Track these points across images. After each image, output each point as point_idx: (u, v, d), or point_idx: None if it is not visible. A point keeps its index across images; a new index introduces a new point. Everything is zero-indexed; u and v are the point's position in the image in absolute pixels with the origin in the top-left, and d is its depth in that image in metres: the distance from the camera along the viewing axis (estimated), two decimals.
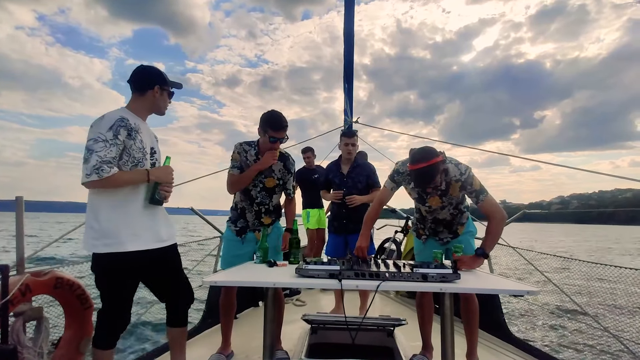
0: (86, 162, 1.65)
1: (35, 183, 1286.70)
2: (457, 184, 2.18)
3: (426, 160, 2.01)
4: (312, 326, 2.47)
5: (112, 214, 1.75)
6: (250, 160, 2.40)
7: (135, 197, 1.82)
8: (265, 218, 2.48)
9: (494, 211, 2.15)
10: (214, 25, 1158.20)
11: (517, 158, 13.12)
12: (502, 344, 2.95)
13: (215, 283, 1.66)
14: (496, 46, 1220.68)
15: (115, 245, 1.73)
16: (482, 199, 2.15)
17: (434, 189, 2.23)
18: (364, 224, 2.39)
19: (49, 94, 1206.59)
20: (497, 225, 2.15)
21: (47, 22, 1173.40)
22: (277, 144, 2.35)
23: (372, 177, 3.35)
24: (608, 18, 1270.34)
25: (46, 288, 2.22)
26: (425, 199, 2.31)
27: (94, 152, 1.65)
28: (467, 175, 2.15)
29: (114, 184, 1.71)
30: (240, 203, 2.48)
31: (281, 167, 2.47)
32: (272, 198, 2.48)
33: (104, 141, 1.68)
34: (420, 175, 2.05)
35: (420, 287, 1.81)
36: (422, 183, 2.10)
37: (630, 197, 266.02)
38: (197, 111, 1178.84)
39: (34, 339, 2.16)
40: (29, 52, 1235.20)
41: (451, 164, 2.18)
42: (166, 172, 1.89)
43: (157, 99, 1.91)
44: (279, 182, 2.48)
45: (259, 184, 2.43)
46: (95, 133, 1.69)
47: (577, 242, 35.65)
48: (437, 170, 2.04)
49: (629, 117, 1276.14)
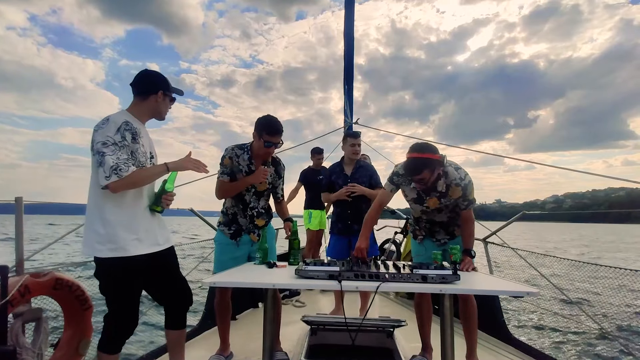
0: (102, 165, 1.64)
1: (29, 185, 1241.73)
2: (457, 187, 2.22)
3: (421, 152, 2.11)
4: (312, 327, 2.47)
5: (117, 218, 1.74)
6: (243, 165, 2.37)
7: (139, 201, 1.82)
8: (259, 220, 2.47)
9: (471, 217, 2.34)
10: (208, 26, 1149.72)
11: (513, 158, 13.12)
12: (502, 345, 2.95)
13: (215, 284, 1.66)
14: (490, 46, 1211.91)
15: (120, 250, 1.73)
16: (470, 208, 2.30)
17: (433, 190, 2.26)
18: (364, 225, 2.40)
19: (41, 95, 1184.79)
20: (473, 227, 2.35)
21: (38, 22, 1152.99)
22: (272, 149, 2.34)
23: (374, 178, 3.35)
24: (601, 18, 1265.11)
25: (45, 289, 2.21)
26: (425, 199, 2.33)
27: (107, 155, 1.65)
28: (467, 181, 2.22)
29: (135, 181, 1.72)
30: (231, 208, 2.47)
31: (272, 172, 2.48)
32: (260, 201, 2.48)
33: (113, 144, 1.68)
34: (410, 164, 2.12)
35: (420, 288, 1.81)
36: (411, 172, 2.15)
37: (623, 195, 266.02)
38: (191, 112, 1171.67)
39: (33, 340, 2.16)
40: (21, 53, 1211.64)
41: (451, 167, 2.23)
42: (186, 159, 1.89)
43: (159, 104, 1.91)
44: (269, 186, 2.49)
45: (252, 188, 2.43)
46: (103, 136, 1.68)
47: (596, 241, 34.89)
48: (429, 165, 2.09)
49: (621, 116, 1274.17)
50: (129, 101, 1.93)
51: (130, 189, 1.75)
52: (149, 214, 1.87)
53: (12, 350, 1.96)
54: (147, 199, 1.88)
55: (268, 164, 2.46)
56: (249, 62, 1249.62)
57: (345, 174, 3.36)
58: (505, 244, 3.55)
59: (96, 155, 1.67)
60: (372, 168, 3.45)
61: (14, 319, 2.07)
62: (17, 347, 2.01)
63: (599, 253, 21.52)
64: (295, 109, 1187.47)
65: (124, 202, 1.77)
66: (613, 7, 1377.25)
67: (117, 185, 1.66)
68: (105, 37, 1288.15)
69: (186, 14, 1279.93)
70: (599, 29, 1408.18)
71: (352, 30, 4.27)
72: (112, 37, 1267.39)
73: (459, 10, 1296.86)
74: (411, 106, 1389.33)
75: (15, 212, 2.17)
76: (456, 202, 2.29)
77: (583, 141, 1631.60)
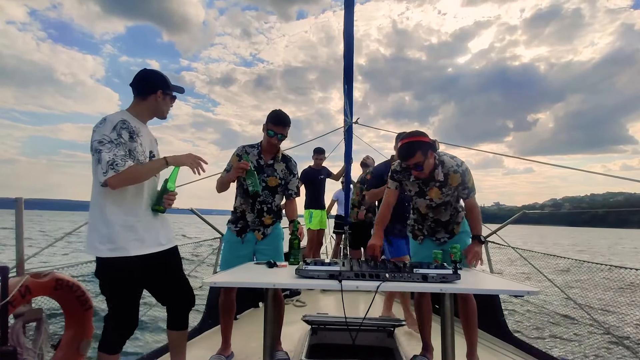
0: (99, 162, 1.65)
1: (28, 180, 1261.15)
2: (456, 174, 2.25)
3: (412, 136, 2.19)
4: (313, 327, 2.47)
5: (118, 218, 1.74)
6: (252, 160, 2.43)
7: (140, 201, 1.82)
8: (267, 217, 2.48)
9: (475, 204, 2.36)
10: (208, 23, 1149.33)
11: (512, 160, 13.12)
12: (503, 344, 2.95)
13: (215, 284, 1.66)
14: (491, 49, 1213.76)
15: (120, 250, 1.73)
16: (472, 196, 2.32)
17: (432, 180, 2.28)
18: (376, 225, 2.42)
19: (41, 91, 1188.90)
20: (479, 212, 2.36)
21: (38, 17, 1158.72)
22: (275, 139, 2.40)
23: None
24: (602, 22, 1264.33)
25: (46, 289, 2.21)
26: (426, 191, 2.34)
27: (103, 152, 1.65)
28: (464, 167, 2.26)
29: (134, 176, 1.71)
30: (240, 207, 2.50)
31: (283, 168, 2.51)
32: (275, 197, 2.50)
33: (109, 142, 1.68)
34: (403, 149, 2.17)
35: (421, 288, 1.81)
36: (405, 156, 2.18)
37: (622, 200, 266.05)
38: (191, 110, 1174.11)
39: (33, 340, 2.16)
40: (21, 48, 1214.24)
41: (446, 156, 2.29)
42: (186, 155, 1.89)
43: (160, 103, 1.91)
44: (281, 182, 2.50)
45: (262, 183, 2.44)
46: (99, 135, 1.69)
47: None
48: (420, 146, 2.14)
49: (620, 121, 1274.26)
50: (129, 98, 1.94)
51: (130, 184, 1.74)
52: (151, 213, 1.87)
53: (13, 350, 1.96)
54: (149, 198, 1.88)
55: (277, 158, 2.50)
56: (250, 60, 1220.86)
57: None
58: (505, 243, 3.55)
59: (94, 154, 1.68)
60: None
61: (15, 320, 2.07)
62: (18, 347, 2.01)
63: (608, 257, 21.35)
64: (295, 108, 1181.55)
65: (125, 202, 1.77)
66: (614, 12, 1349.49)
67: (115, 181, 1.66)
68: (105, 33, 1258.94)
69: (187, 11, 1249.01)
70: (600, 33, 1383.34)
71: (351, 29, 4.26)
72: (113, 33, 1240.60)
73: (460, 12, 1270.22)
74: (411, 107, 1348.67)
75: (15, 211, 2.17)
76: (456, 191, 2.31)
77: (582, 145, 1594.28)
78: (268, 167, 2.48)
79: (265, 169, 2.46)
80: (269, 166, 2.48)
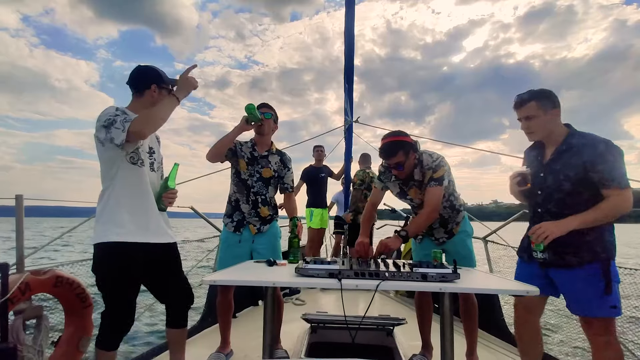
0: (113, 125, 1.66)
1: (23, 187, 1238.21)
2: (429, 171, 2.22)
3: (394, 136, 2.20)
4: (312, 325, 2.48)
5: (126, 207, 1.77)
6: (245, 152, 2.48)
7: (145, 194, 1.84)
8: (263, 209, 2.47)
9: (431, 203, 2.16)
10: (202, 26, 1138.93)
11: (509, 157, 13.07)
12: (502, 343, 2.95)
13: (214, 282, 1.66)
14: (485, 47, 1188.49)
15: (126, 234, 1.75)
16: (432, 185, 2.17)
17: (411, 180, 2.27)
18: (362, 225, 2.42)
19: (35, 97, 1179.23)
20: (426, 216, 2.15)
21: (31, 23, 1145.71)
22: (265, 120, 2.43)
23: (589, 161, 1.80)
24: (595, 18, 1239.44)
25: (46, 287, 2.22)
26: (406, 190, 2.34)
27: (114, 122, 1.67)
28: (438, 162, 2.20)
29: (149, 119, 1.71)
30: (234, 195, 2.50)
31: (278, 161, 2.53)
32: (269, 189, 2.50)
33: (116, 116, 1.70)
34: (385, 148, 2.17)
35: (420, 287, 1.81)
36: (386, 155, 2.18)
37: None
38: (187, 113, 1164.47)
39: (33, 337, 2.17)
40: (14, 54, 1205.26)
41: (425, 154, 2.25)
42: (189, 82, 1.88)
43: (156, 98, 1.91)
44: (274, 174, 2.50)
45: (256, 174, 2.45)
46: (105, 116, 1.71)
47: None
48: (402, 146, 2.14)
49: (615, 117, 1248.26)
50: (124, 102, 1.93)
51: (151, 129, 1.75)
52: (155, 207, 1.88)
53: (13, 347, 1.97)
54: (152, 192, 1.89)
55: (272, 151, 2.52)
56: (245, 63, 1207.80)
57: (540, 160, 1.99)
58: (505, 242, 3.55)
59: (106, 132, 1.67)
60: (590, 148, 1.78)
61: (15, 317, 2.08)
62: (18, 344, 2.02)
63: None
64: (291, 110, 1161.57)
65: (133, 192, 1.80)
66: (607, 8, 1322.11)
67: (135, 129, 1.67)
68: (99, 38, 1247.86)
69: (179, 14, 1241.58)
70: (593, 30, 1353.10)
71: (352, 27, 4.26)
72: (106, 38, 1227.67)
73: (454, 11, 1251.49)
74: (407, 107, 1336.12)
75: (15, 210, 2.18)
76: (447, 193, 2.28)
77: None
78: (262, 158, 2.49)
79: (259, 160, 2.47)
80: (262, 157, 2.49)
